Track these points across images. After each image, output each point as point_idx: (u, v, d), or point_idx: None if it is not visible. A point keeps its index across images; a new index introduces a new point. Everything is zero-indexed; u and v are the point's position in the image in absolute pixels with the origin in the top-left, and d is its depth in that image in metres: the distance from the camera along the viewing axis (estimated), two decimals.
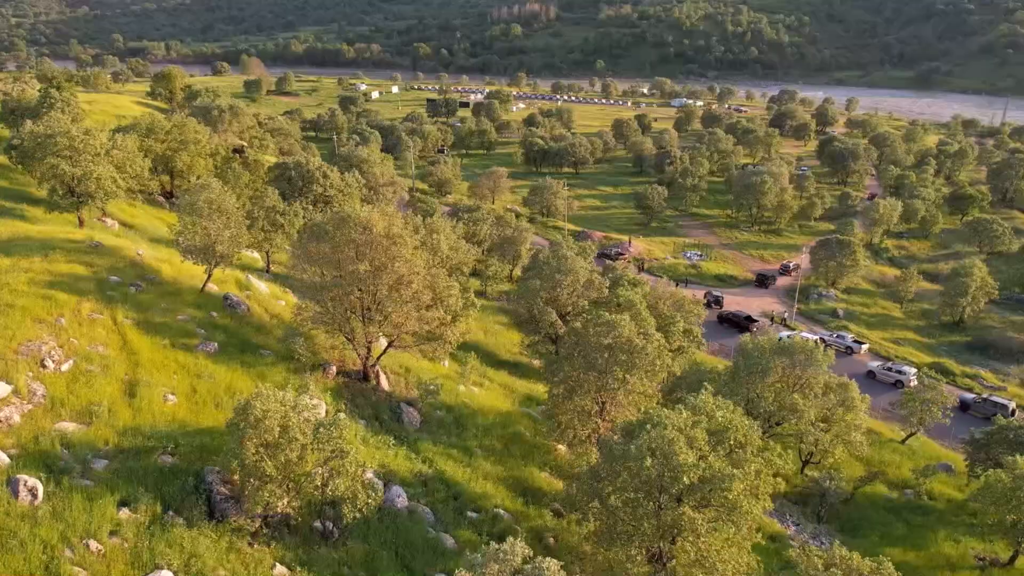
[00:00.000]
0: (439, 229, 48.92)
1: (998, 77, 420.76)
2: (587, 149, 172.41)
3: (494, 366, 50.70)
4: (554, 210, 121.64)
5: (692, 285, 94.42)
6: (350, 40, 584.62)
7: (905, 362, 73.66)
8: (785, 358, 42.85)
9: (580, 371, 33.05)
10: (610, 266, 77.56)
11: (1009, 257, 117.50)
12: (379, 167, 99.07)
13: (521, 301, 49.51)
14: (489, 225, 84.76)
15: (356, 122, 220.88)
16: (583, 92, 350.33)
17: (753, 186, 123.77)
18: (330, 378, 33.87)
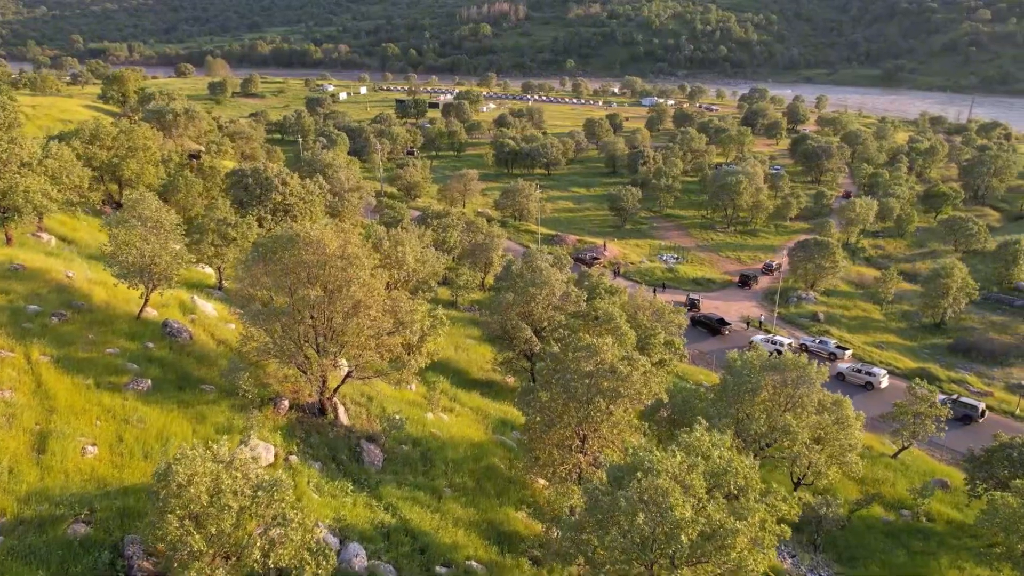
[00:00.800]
0: (404, 241, 45.61)
1: (961, 75, 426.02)
2: (559, 150, 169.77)
3: (466, 386, 47.44)
4: (526, 213, 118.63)
5: (670, 289, 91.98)
6: (317, 41, 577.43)
7: (889, 368, 71.69)
8: (776, 375, 40.14)
9: (559, 400, 29.93)
10: (585, 272, 74.71)
11: (985, 255, 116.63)
12: (345, 171, 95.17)
13: (493, 316, 46.36)
14: (459, 231, 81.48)
15: (323, 124, 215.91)
16: (554, 92, 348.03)
17: (728, 186, 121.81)
18: (282, 414, 30.39)
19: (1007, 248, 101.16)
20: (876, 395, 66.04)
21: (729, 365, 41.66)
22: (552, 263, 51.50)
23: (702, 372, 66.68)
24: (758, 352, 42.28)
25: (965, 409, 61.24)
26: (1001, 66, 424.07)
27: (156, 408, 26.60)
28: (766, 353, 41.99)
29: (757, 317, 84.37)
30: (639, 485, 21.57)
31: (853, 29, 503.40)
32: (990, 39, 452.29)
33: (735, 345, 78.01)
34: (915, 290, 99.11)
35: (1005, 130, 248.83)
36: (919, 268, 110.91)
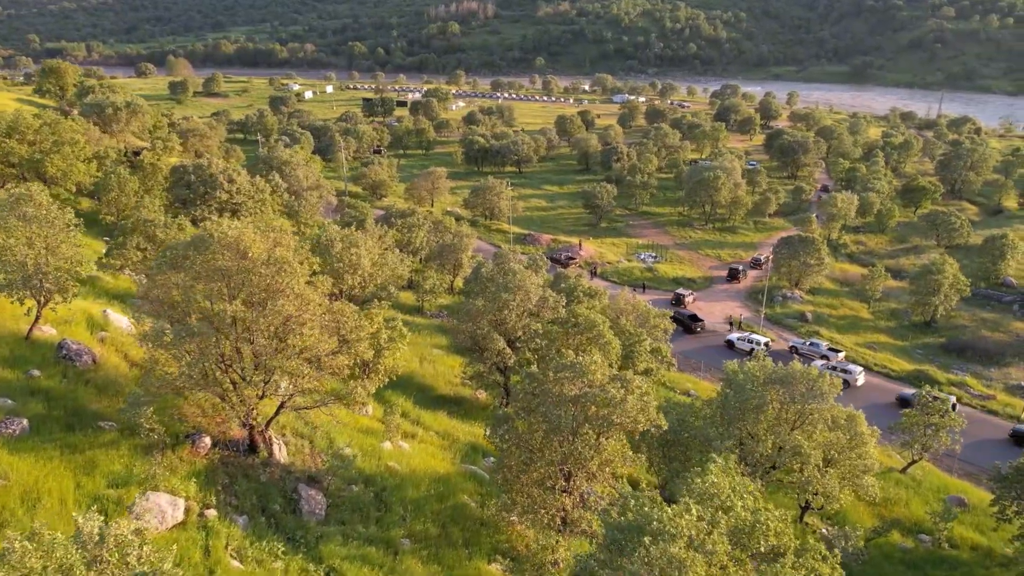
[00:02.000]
0: (359, 243, 40.16)
1: (928, 71, 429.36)
2: (530, 147, 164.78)
3: (431, 404, 42.12)
4: (498, 212, 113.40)
5: (650, 290, 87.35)
6: (283, 40, 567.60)
7: (885, 370, 67.67)
8: (782, 389, 35.39)
9: (539, 431, 24.75)
10: (562, 274, 69.75)
11: (968, 250, 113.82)
12: (303, 169, 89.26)
13: (462, 326, 41.11)
14: (426, 231, 76.03)
15: (287, 123, 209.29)
16: (524, 89, 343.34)
17: (706, 182, 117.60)
18: (201, 454, 24.85)
19: (994, 242, 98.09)
20: (852, 393, 62.78)
21: (729, 378, 36.83)
22: (527, 264, 46.55)
23: (688, 379, 62.02)
24: (761, 362, 37.49)
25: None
26: (965, 63, 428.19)
27: (29, 457, 20.94)
28: (770, 363, 37.19)
29: (739, 317, 79.95)
30: (647, 554, 16.48)
31: (821, 26, 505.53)
32: (954, 36, 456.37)
33: (710, 344, 73.88)
34: (902, 287, 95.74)
35: (975, 125, 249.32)
36: (903, 264, 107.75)
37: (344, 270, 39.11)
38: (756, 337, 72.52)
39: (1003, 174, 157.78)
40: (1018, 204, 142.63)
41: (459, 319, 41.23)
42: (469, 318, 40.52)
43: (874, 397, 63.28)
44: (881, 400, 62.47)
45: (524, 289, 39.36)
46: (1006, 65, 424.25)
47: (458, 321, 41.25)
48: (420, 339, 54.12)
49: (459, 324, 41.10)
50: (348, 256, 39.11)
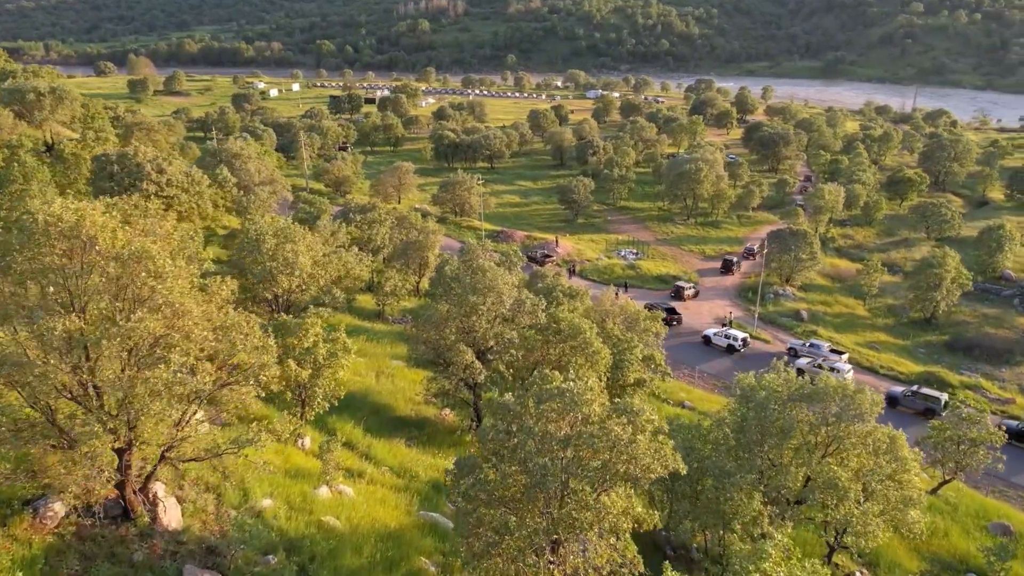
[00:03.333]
0: (295, 237, 33.25)
1: (899, 67, 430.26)
2: (503, 141, 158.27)
3: (387, 429, 35.34)
4: (468, 208, 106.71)
5: (633, 289, 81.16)
6: (249, 39, 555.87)
7: (892, 373, 62.04)
8: (812, 408, 29.15)
9: (517, 487, 18.13)
10: (539, 273, 63.25)
11: (960, 242, 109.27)
12: (255, 162, 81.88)
13: (422, 335, 34.41)
14: (388, 228, 69.08)
15: (249, 120, 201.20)
16: (495, 86, 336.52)
17: (687, 174, 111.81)
18: (48, 527, 17.88)
19: (990, 234, 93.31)
20: None
21: (746, 394, 30.48)
22: (499, 261, 40.00)
23: (681, 387, 55.85)
24: (783, 374, 31.22)
25: (927, 402, 55.64)
26: (935, 58, 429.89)
27: None
28: (793, 376, 30.94)
29: (730, 316, 73.94)
30: None
31: (792, 22, 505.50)
32: (924, 32, 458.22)
33: (687, 340, 68.25)
34: (896, 282, 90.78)
35: (950, 118, 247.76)
36: (895, 258, 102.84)
37: (278, 270, 32.21)
38: (733, 332, 67.33)
39: (985, 166, 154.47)
40: (1004, 195, 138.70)
41: (419, 327, 34.52)
42: (431, 326, 33.87)
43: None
44: None
45: (496, 291, 32.78)
46: (975, 60, 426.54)
47: (418, 329, 34.55)
48: (379, 348, 47.32)
49: (419, 332, 34.41)
50: (282, 254, 32.23)
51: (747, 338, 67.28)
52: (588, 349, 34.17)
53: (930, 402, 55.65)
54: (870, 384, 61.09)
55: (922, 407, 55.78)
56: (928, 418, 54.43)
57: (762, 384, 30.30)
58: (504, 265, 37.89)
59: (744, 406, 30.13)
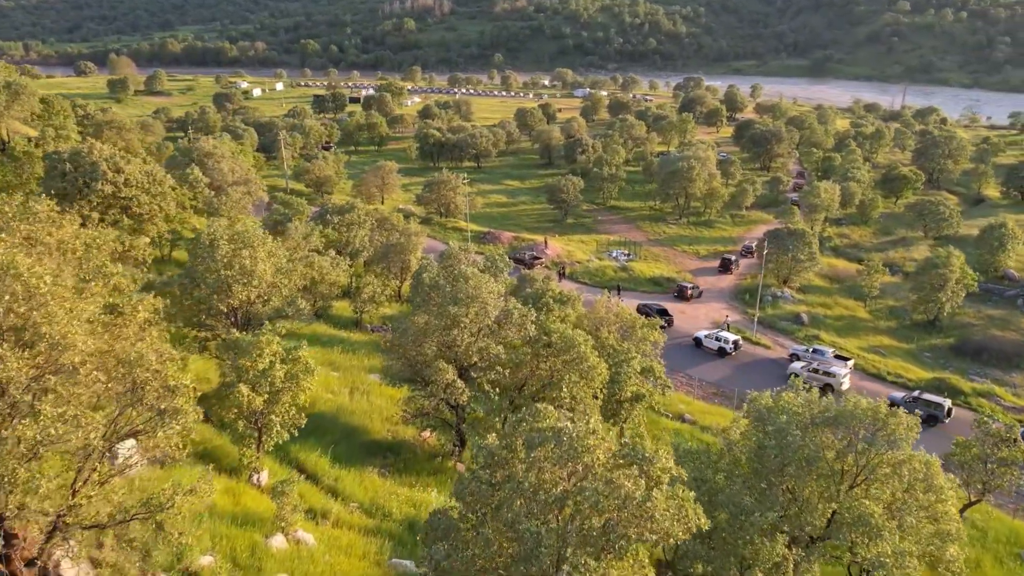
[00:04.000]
0: (254, 242, 29.55)
1: (886, 64, 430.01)
2: (489, 140, 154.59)
3: (359, 455, 31.69)
4: (454, 208, 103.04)
5: (626, 292, 77.72)
6: (233, 39, 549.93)
7: (900, 380, 58.88)
8: (836, 432, 25.73)
9: (503, 556, 14.55)
10: (527, 276, 59.73)
11: (959, 241, 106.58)
12: (229, 161, 77.87)
13: (396, 349, 30.77)
14: (368, 229, 65.32)
15: (231, 120, 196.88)
16: (482, 85, 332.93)
17: (679, 172, 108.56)
18: None
19: (992, 232, 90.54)
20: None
21: (762, 416, 26.99)
22: (484, 267, 36.37)
23: (680, 398, 52.41)
24: (803, 393, 27.79)
25: (929, 408, 52.67)
26: (922, 56, 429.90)
27: None
28: (815, 396, 27.50)
29: (726, 319, 70.57)
30: None
31: (779, 21, 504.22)
32: (910, 30, 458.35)
33: (678, 341, 65.19)
34: (895, 282, 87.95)
35: (940, 115, 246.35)
36: (893, 257, 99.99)
37: (234, 279, 28.50)
38: (724, 335, 64.39)
39: (978, 163, 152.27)
40: (1000, 192, 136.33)
41: (394, 341, 30.87)
42: (407, 340, 30.24)
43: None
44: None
45: (480, 300, 29.19)
46: (961, 58, 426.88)
47: (393, 344, 30.89)
48: (354, 361, 43.60)
49: (394, 347, 30.77)
50: (239, 261, 28.53)
51: (739, 341, 64.35)
52: (583, 365, 30.64)
53: (933, 409, 52.82)
54: (869, 389, 58.19)
55: (924, 414, 52.84)
56: (931, 425, 52.11)
57: (780, 405, 26.82)
58: (489, 271, 34.37)
59: (760, 430, 26.64)
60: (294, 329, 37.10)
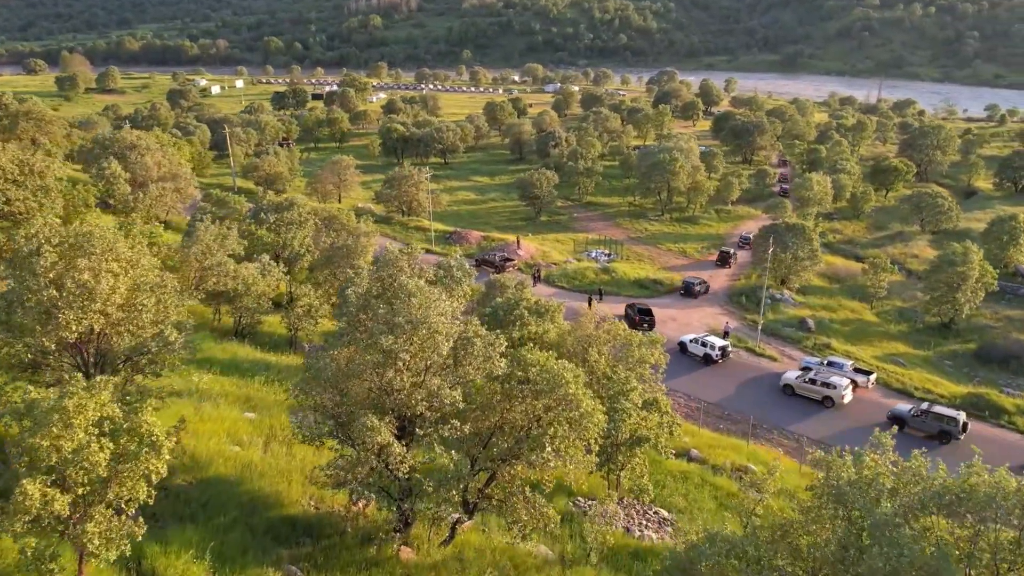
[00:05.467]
0: (99, 248, 20.25)
1: (857, 59, 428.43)
2: (456, 135, 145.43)
3: (263, 545, 22.50)
4: (416, 206, 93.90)
5: (609, 297, 69.23)
6: (194, 37, 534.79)
7: (930, 395, 50.94)
8: (952, 518, 17.20)
9: None
10: (497, 283, 50.90)
11: (956, 235, 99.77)
12: (156, 155, 68.00)
13: (311, 399, 21.72)
14: (311, 230, 56.02)
15: (183, 116, 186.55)
16: (450, 81, 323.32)
17: (661, 165, 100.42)
18: None
19: (1002, 225, 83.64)
20: (835, 414, 48.96)
21: (840, 494, 18.30)
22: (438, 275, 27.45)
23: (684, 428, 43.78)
24: (892, 455, 19.26)
25: (941, 423, 45.48)
26: (893, 50, 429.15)
27: None
28: (922, 465, 18.88)
29: (724, 327, 62.14)
30: None
31: (749, 16, 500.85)
32: (881, 25, 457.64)
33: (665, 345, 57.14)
34: (899, 281, 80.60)
35: (917, 107, 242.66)
36: (892, 253, 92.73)
37: (66, 303, 19.31)
38: (711, 340, 56.65)
39: (964, 154, 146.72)
40: (993, 185, 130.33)
41: (304, 385, 21.80)
42: (324, 384, 21.29)
43: (861, 416, 48.42)
44: (869, 419, 47.15)
45: (428, 326, 20.31)
46: (931, 53, 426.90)
47: (302, 388, 21.82)
48: (279, 395, 34.33)
49: (306, 392, 21.74)
50: (74, 276, 19.32)
51: (726, 347, 56.44)
52: (573, 411, 21.86)
53: (945, 424, 45.18)
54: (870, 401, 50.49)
55: (935, 429, 45.42)
56: (943, 442, 45.00)
57: (869, 478, 18.19)
58: (442, 282, 25.70)
59: (841, 516, 18.00)
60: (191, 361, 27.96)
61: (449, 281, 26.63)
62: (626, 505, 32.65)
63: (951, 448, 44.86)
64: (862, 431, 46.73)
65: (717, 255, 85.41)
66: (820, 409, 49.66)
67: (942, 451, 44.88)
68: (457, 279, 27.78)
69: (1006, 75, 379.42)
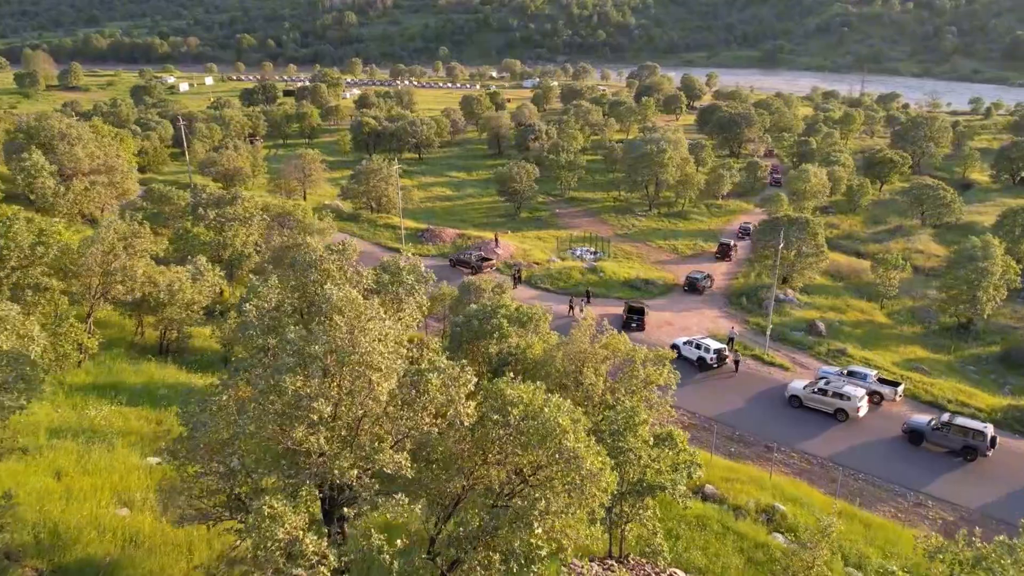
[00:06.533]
0: None
1: (837, 55, 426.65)
2: (432, 129, 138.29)
3: None
4: (386, 202, 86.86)
5: (598, 300, 62.72)
6: (164, 34, 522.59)
7: (967, 410, 44.84)
8: None
9: None
10: (473, 286, 44.31)
11: (959, 229, 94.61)
12: (86, 146, 60.48)
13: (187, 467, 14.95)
14: (260, 227, 48.93)
15: (145, 112, 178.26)
16: (426, 77, 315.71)
17: (649, 157, 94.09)
18: None
19: (1014, 218, 78.12)
20: (849, 429, 43.07)
21: None
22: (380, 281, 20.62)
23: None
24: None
25: (966, 437, 39.57)
26: (872, 46, 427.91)
27: None
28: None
29: (729, 332, 55.84)
30: None
31: (728, 13, 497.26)
32: (860, 20, 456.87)
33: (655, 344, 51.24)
34: (907, 278, 74.68)
35: (902, 101, 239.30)
36: (894, 249, 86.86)
37: None
38: (706, 342, 50.71)
39: (956, 147, 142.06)
40: (990, 177, 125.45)
41: (176, 448, 14.93)
42: (207, 443, 14.51)
43: (875, 429, 42.98)
44: (883, 433, 42.30)
45: (361, 359, 13.55)
46: (910, 47, 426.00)
47: (174, 456, 14.99)
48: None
49: (182, 455, 14.95)
50: None
51: (723, 350, 50.36)
52: (573, 473, 15.24)
53: (971, 438, 39.19)
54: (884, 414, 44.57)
55: (959, 444, 39.52)
56: (968, 459, 39.36)
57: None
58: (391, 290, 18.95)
59: None
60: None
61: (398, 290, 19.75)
62: (633, 566, 26.04)
63: (978, 466, 39.09)
64: (878, 447, 40.92)
65: (716, 247, 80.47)
66: (831, 423, 43.47)
67: (968, 469, 39.10)
68: (409, 287, 20.80)
69: (984, 70, 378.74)
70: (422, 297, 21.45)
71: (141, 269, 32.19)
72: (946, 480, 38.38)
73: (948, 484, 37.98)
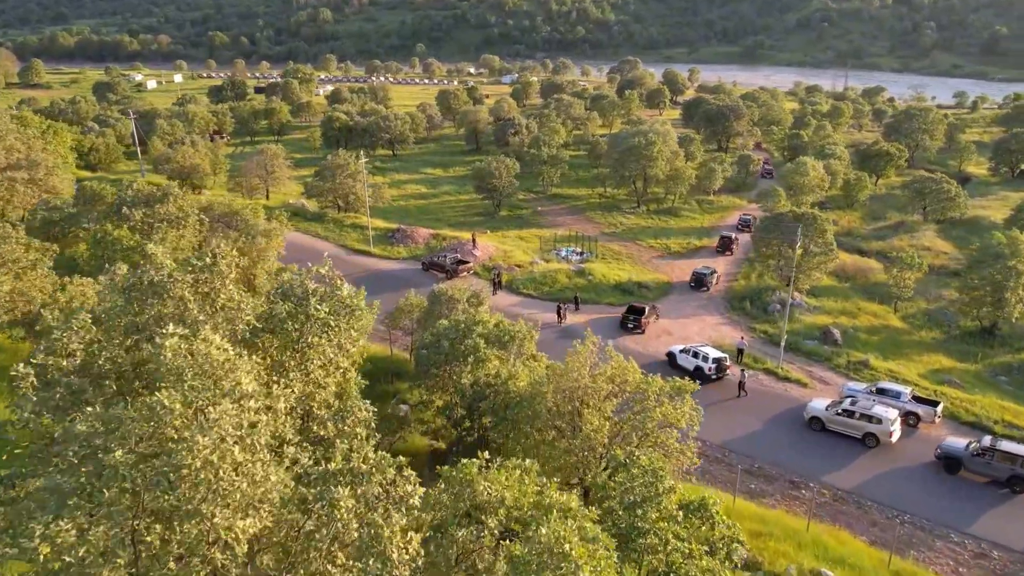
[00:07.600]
0: None
1: (818, 50, 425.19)
2: (407, 124, 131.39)
3: None
4: (354, 200, 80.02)
5: (587, 305, 56.41)
6: (134, 32, 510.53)
7: (1018, 431, 39.02)
8: None
9: None
10: (445, 294, 37.89)
11: (964, 224, 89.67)
12: (3, 139, 53.19)
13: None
14: (197, 229, 42.07)
15: (106, 109, 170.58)
16: (403, 73, 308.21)
17: (637, 150, 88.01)
18: None
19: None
20: (880, 455, 37.50)
21: None
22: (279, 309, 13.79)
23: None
24: None
25: (1014, 466, 34.28)
26: (852, 41, 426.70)
27: None
28: None
29: (743, 342, 49.57)
30: None
31: (708, 9, 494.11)
32: (839, 15, 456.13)
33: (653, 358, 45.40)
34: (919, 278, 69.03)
35: (886, 95, 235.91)
36: (897, 246, 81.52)
37: None
38: (705, 351, 45.01)
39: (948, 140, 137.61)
40: (988, 170, 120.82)
41: None
42: None
43: (910, 455, 37.60)
44: (916, 459, 36.99)
45: (202, 477, 7.34)
46: (890, 43, 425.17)
47: None
48: None
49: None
50: None
51: (723, 360, 44.30)
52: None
53: (1020, 465, 33.46)
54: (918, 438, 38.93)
55: (1005, 473, 33.80)
56: (1016, 491, 33.86)
57: None
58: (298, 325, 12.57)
59: None
60: None
61: (302, 329, 12.55)
62: None
63: None
64: (914, 477, 35.08)
65: (717, 241, 75.96)
66: (859, 449, 37.51)
67: (1017, 503, 33.30)
68: (321, 325, 13.24)
69: (963, 65, 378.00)
70: (358, 333, 13.92)
71: (26, 282, 25.38)
72: (992, 516, 32.57)
73: (994, 521, 32.19)
